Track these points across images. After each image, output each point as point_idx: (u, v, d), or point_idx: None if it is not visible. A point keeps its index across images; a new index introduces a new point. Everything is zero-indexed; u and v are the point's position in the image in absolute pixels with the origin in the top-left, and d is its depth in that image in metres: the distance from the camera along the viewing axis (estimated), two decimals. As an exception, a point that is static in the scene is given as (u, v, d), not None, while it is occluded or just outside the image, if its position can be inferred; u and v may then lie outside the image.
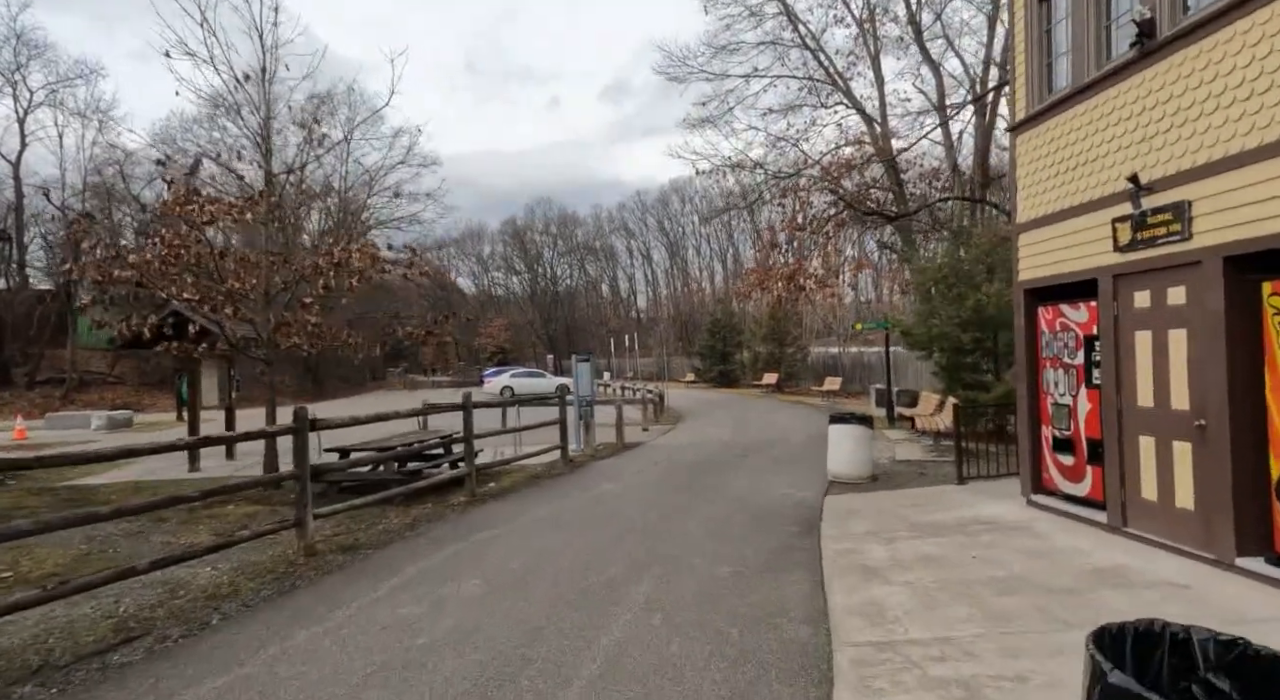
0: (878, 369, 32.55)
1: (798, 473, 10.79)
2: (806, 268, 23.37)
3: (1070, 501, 6.75)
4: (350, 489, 9.72)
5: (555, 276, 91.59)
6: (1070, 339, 6.69)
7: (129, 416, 24.09)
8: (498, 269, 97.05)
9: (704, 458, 12.66)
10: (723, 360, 41.98)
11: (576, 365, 14.08)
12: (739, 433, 16.70)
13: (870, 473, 9.93)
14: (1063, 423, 6.79)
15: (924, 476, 10.13)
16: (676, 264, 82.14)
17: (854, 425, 9.89)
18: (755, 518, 7.80)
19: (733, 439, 15.49)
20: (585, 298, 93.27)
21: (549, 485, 10.48)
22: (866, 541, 6.55)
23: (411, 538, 7.32)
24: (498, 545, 6.86)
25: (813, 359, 36.80)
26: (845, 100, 24.25)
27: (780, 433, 16.39)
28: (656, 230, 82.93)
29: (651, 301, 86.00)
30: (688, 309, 74.06)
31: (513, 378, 39.08)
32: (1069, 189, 6.54)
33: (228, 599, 5.43)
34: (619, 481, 10.52)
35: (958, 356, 14.19)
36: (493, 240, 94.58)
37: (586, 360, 14.57)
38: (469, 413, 9.60)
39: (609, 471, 11.59)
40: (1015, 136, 7.43)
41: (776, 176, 24.64)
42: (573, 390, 14.03)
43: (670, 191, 79.54)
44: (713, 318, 46.28)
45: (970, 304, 13.50)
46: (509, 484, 10.59)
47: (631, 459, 12.95)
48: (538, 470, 11.69)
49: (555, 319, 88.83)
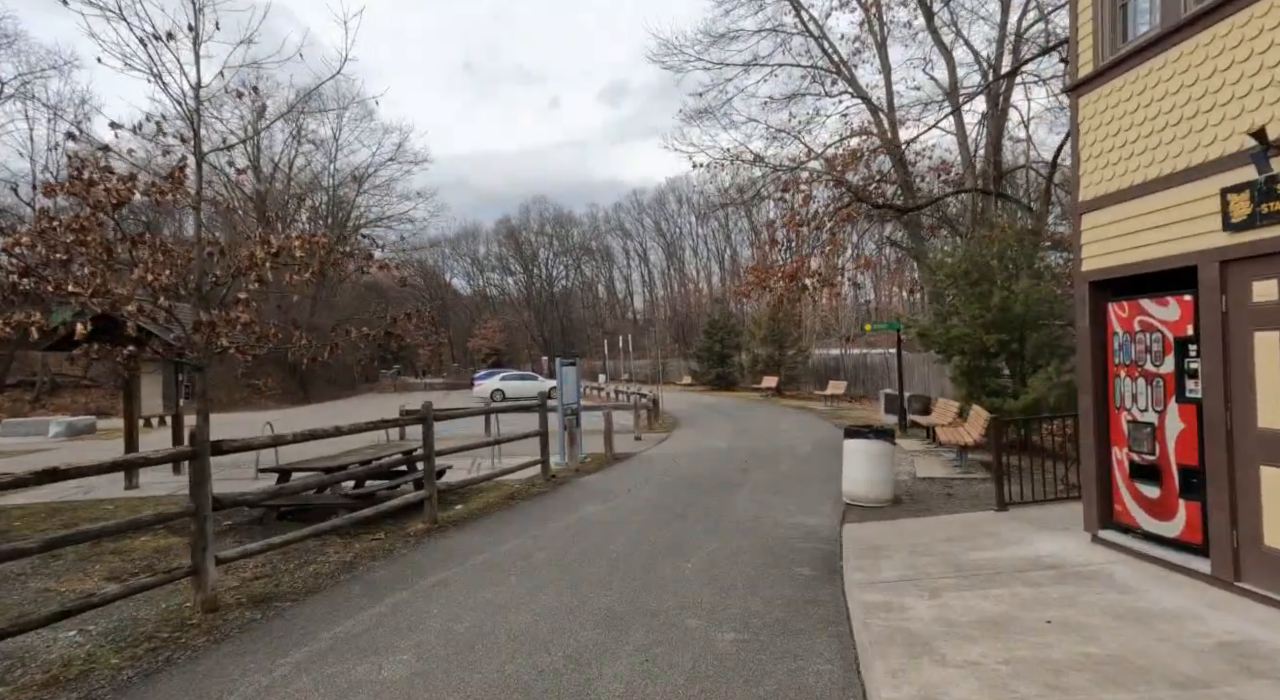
0: (881, 371, 31.32)
1: (808, 493, 9.50)
2: (809, 265, 22.08)
3: (1155, 543, 5.47)
4: (292, 515, 8.42)
5: (551, 277, 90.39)
6: (1154, 341, 5.41)
7: (91, 422, 22.72)
8: (493, 270, 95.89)
9: (702, 473, 11.37)
10: (721, 362, 40.71)
11: (561, 370, 12.79)
12: (740, 442, 15.41)
13: (892, 495, 8.65)
14: (1144, 445, 5.51)
15: (953, 498, 8.84)
16: (674, 265, 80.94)
17: (873, 441, 8.61)
18: (762, 554, 6.51)
19: (733, 450, 14.20)
20: (581, 299, 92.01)
21: (524, 508, 9.17)
22: (904, 592, 5.26)
23: (346, 582, 6.01)
24: (447, 595, 5.56)
25: (814, 362, 35.56)
26: (850, 89, 23.01)
27: (785, 443, 15.10)
28: (653, 231, 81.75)
29: (648, 303, 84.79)
30: (684, 310, 72.84)
31: (503, 381, 37.76)
32: (1155, 155, 5.26)
33: (73, 686, 4.11)
34: (605, 503, 9.22)
35: (979, 360, 12.92)
36: (487, 240, 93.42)
37: (573, 364, 13.29)
38: (429, 426, 8.29)
39: (595, 490, 10.29)
40: (1076, 98, 6.15)
41: (777, 170, 23.41)
42: (556, 397, 12.72)
43: (667, 191, 78.42)
44: (710, 319, 45.00)
45: (995, 302, 12.23)
46: (479, 506, 9.29)
47: (621, 474, 11.66)
48: (515, 488, 10.39)
49: (550, 320, 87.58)
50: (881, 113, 22.85)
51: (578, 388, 13.35)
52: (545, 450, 11.10)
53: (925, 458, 12.03)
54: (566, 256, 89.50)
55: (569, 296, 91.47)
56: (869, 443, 8.60)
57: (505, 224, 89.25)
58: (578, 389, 13.35)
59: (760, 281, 22.79)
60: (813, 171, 22.86)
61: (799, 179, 22.90)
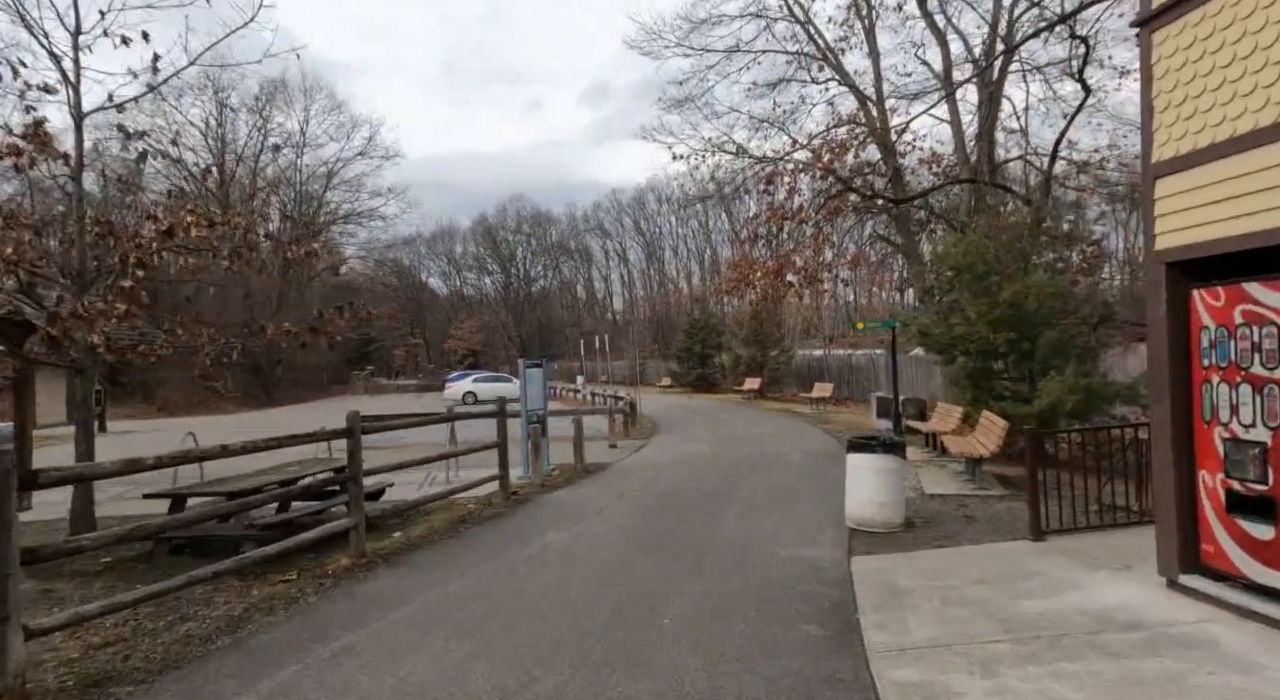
0: (867, 373, 30.29)
1: (804, 513, 8.24)
2: (794, 261, 20.92)
3: (1267, 597, 4.26)
4: (190, 548, 6.99)
5: (529, 277, 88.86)
6: (1266, 337, 4.21)
7: (20, 429, 20.86)
8: (470, 269, 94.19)
9: (682, 489, 10.07)
10: (701, 363, 39.52)
11: (525, 372, 11.44)
12: (724, 450, 14.15)
13: (904, 518, 7.43)
14: (1249, 470, 4.31)
15: (973, 521, 7.64)
16: (653, 265, 79.83)
17: (882, 455, 7.38)
18: (757, 602, 5.22)
19: (717, 459, 12.94)
20: (560, 300, 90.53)
21: (474, 535, 7.82)
22: (946, 664, 4.01)
23: (220, 651, 4.63)
24: (346, 672, 4.21)
25: (797, 363, 34.49)
26: (836, 76, 21.88)
27: (773, 450, 13.87)
28: (633, 230, 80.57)
29: (628, 303, 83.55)
30: (664, 310, 71.70)
31: (476, 383, 36.26)
32: (1273, 93, 4.06)
33: None
34: (570, 528, 7.90)
35: (986, 361, 11.78)
36: (464, 239, 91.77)
37: (539, 366, 11.95)
38: (355, 440, 6.92)
39: (560, 510, 8.97)
40: (1149, 34, 4.95)
41: (761, 161, 22.24)
42: (520, 402, 11.37)
43: (646, 191, 77.19)
44: (690, 318, 43.85)
45: (1005, 297, 11.09)
46: (422, 533, 7.92)
47: (592, 490, 10.34)
48: (468, 509, 9.03)
49: (527, 321, 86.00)
50: (870, 102, 21.75)
51: (544, 391, 12.02)
52: (505, 463, 9.75)
53: (930, 470, 10.84)
54: (544, 256, 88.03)
55: (547, 297, 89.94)
56: (877, 458, 7.37)
57: (482, 223, 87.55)
58: (544, 393, 12.02)
59: (743, 277, 21.58)
60: (798, 163, 21.73)
61: (783, 171, 21.76)
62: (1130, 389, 10.66)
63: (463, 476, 11.45)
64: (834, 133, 21.45)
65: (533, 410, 11.40)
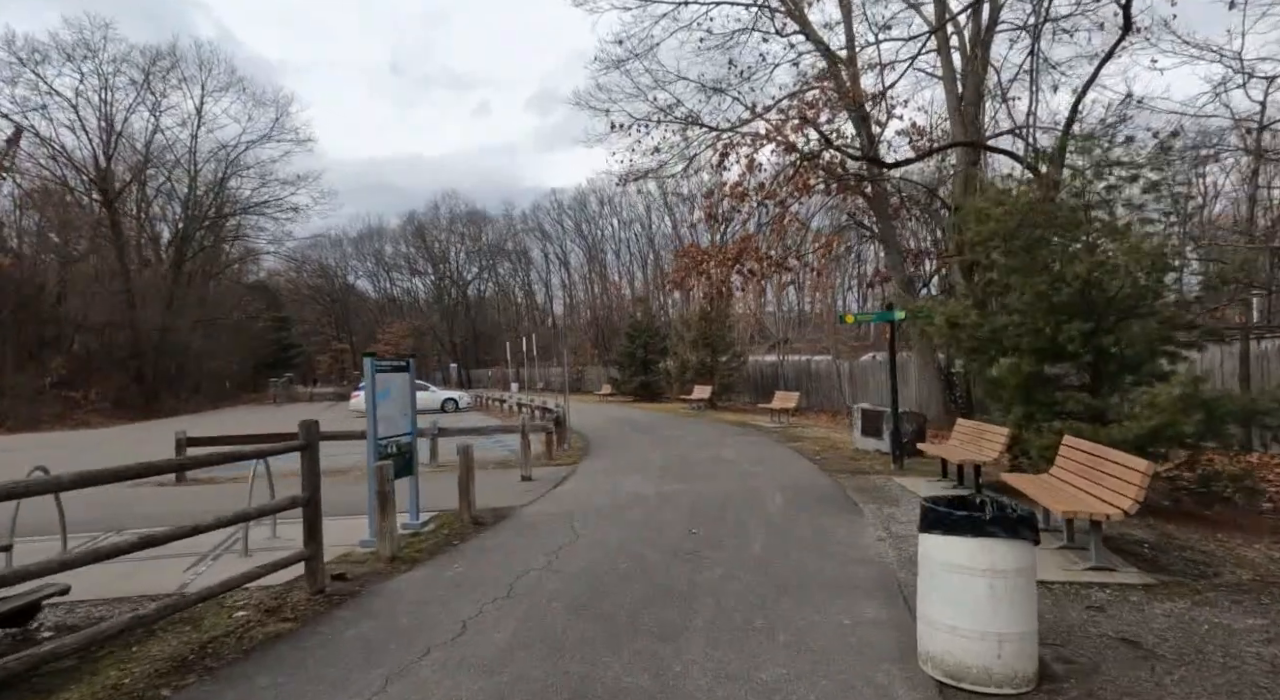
0: (828, 380, 27.12)
1: (828, 640, 4.52)
2: (756, 246, 17.51)
3: None
4: None
5: (463, 279, 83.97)
6: None
7: None
8: (399, 270, 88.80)
9: (612, 571, 6.25)
10: (644, 370, 35.89)
11: (372, 380, 7.44)
12: (674, 486, 10.44)
13: (1036, 667, 3.83)
14: None
15: (1154, 660, 4.09)
16: (595, 268, 76.03)
17: (999, 541, 3.75)
18: None
19: (665, 503, 9.20)
20: (496, 304, 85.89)
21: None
22: None
23: None
24: None
25: (749, 369, 31.22)
26: (802, 32, 18.58)
27: (741, 486, 10.22)
28: (574, 233, 76.76)
29: (568, 307, 79.49)
30: (605, 313, 67.97)
31: (386, 391, 31.61)
32: None
33: None
34: (391, 687, 4.03)
35: (1040, 363, 8.41)
36: (394, 239, 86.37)
37: (402, 369, 7.98)
38: None
39: (392, 627, 5.04)
40: None
41: (715, 131, 18.77)
42: (369, 425, 7.35)
43: (588, 192, 73.70)
44: (632, 319, 40.21)
45: (1078, 272, 7.75)
46: (109, 685, 3.93)
47: (466, 570, 6.42)
48: (232, 621, 5.07)
49: (461, 325, 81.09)
50: (841, 64, 18.51)
51: (412, 410, 8.05)
52: (316, 535, 5.78)
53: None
54: (480, 257, 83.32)
55: (483, 300, 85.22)
56: (991, 548, 3.74)
57: (412, 221, 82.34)
58: (412, 412, 8.05)
59: (695, 265, 18.02)
60: (757, 135, 18.36)
61: (740, 142, 18.34)
62: (1252, 405, 7.44)
63: (282, 537, 7.49)
64: (800, 99, 18.10)
65: (387, 439, 7.45)
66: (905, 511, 8.16)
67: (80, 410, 32.07)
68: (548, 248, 79.31)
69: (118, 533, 7.96)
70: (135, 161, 45.18)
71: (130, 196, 46.49)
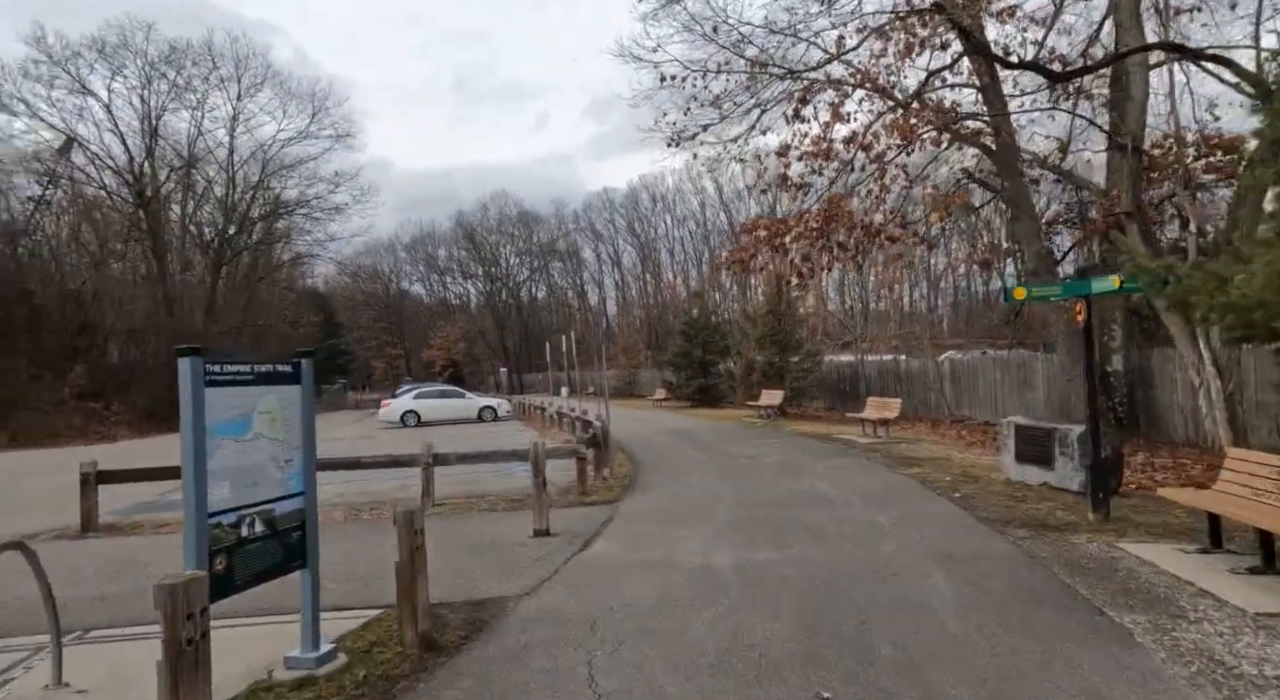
0: (923, 382, 22.88)
1: None
2: (845, 211, 13.58)
3: None
4: None
5: (514, 281, 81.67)
6: None
7: None
8: (449, 272, 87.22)
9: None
10: (702, 372, 32.15)
11: (196, 396, 3.97)
12: (765, 552, 6.73)
13: None
14: None
15: None
16: (648, 268, 72.58)
17: None
18: None
19: (753, 589, 5.51)
20: (547, 305, 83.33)
21: None
22: None
23: None
24: None
25: (824, 370, 27.16)
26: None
27: (870, 556, 6.42)
28: (626, 232, 73.57)
29: (621, 307, 76.18)
30: (659, 312, 64.38)
31: (418, 399, 28.76)
32: None
33: None
34: None
35: None
36: (446, 242, 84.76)
37: (284, 380, 4.49)
38: None
39: None
40: None
41: (790, 74, 14.98)
42: (187, 488, 3.89)
43: (640, 189, 70.40)
44: (688, 317, 36.48)
45: None
46: None
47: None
48: None
49: (511, 328, 78.74)
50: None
51: (305, 448, 4.51)
52: None
53: None
54: (531, 258, 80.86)
55: (535, 303, 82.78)
56: None
57: (462, 222, 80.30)
58: (304, 452, 4.51)
59: (770, 238, 14.20)
60: (842, 81, 14.54)
61: (823, 85, 14.54)
62: None
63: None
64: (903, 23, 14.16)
65: (231, 512, 3.93)
66: (1227, 641, 4.29)
67: (103, 423, 30.15)
68: (600, 248, 76.34)
69: None
70: (175, 163, 43.86)
71: (174, 199, 45.27)
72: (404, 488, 10.86)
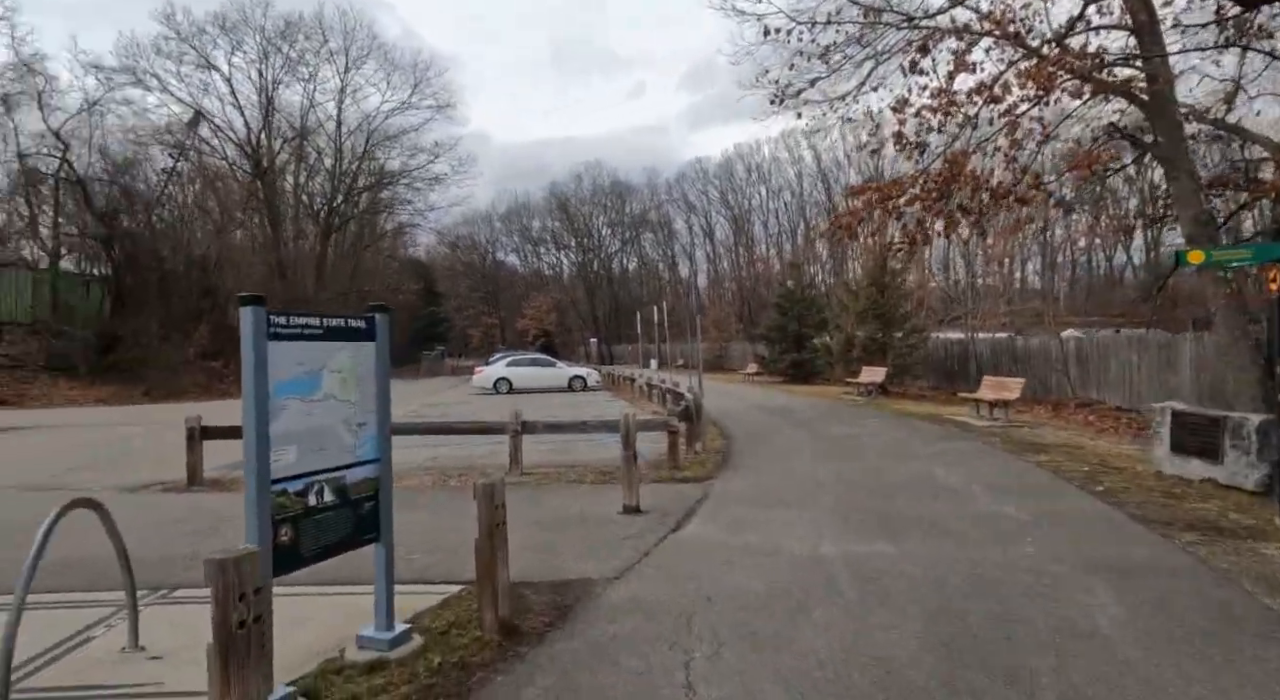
0: (1040, 362, 20.83)
1: None
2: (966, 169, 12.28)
3: None
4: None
5: (605, 251, 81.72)
6: None
7: None
8: (544, 243, 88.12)
9: None
10: (797, 346, 31.00)
11: (257, 347, 3.55)
12: (879, 544, 6.00)
13: None
14: None
15: None
16: (741, 240, 70.94)
17: None
18: None
19: (869, 586, 4.83)
20: (639, 277, 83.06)
21: None
22: None
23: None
24: None
25: (930, 348, 25.55)
26: None
27: (1007, 558, 5.57)
28: (719, 203, 72.00)
29: (713, 280, 74.97)
30: (751, 285, 62.87)
31: (510, 366, 29.03)
32: None
33: None
34: None
35: None
36: (540, 213, 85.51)
37: (357, 336, 4.06)
38: None
39: None
40: None
41: (910, 22, 13.62)
42: (247, 449, 3.55)
43: (735, 159, 68.48)
44: (783, 289, 35.21)
45: None
46: None
47: None
48: None
49: (602, 299, 78.97)
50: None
51: (380, 412, 4.10)
52: None
53: None
54: (622, 229, 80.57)
55: (626, 275, 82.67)
56: None
57: (556, 193, 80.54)
58: (379, 417, 4.09)
59: (882, 201, 13.07)
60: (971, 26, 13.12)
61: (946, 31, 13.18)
62: None
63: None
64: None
65: (298, 479, 3.56)
66: None
67: (223, 380, 32.09)
68: (692, 219, 75.12)
69: None
70: (288, 135, 45.82)
71: (287, 170, 47.41)
72: (494, 454, 10.65)
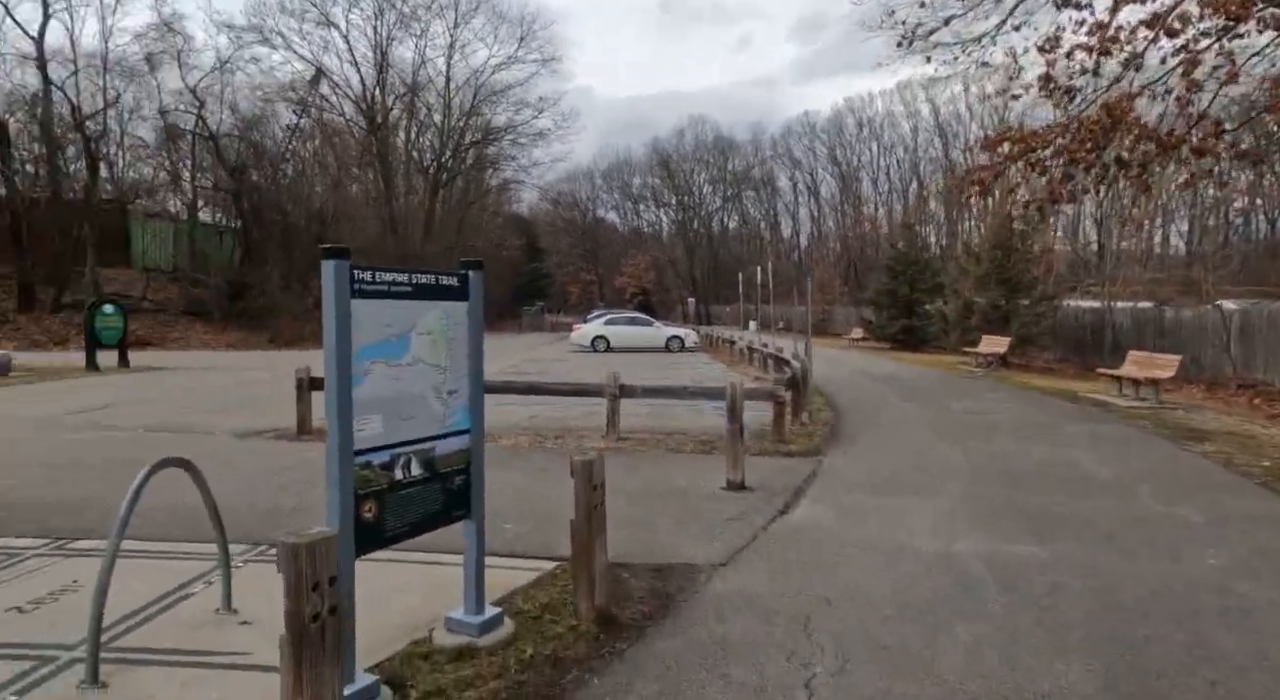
0: (1194, 337, 18.61)
1: None
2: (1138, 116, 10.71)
3: None
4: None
5: (706, 210, 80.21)
6: None
7: (6, 359, 16.61)
8: (644, 201, 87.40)
9: None
10: (907, 312, 29.33)
11: (341, 298, 3.24)
12: (1025, 544, 5.25)
13: None
14: None
15: None
16: (848, 199, 67.71)
17: None
18: None
19: (1018, 599, 4.15)
20: (740, 236, 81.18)
21: None
22: None
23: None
24: None
25: (1060, 317, 23.42)
26: None
27: (1190, 576, 4.72)
28: (826, 160, 68.78)
29: (815, 240, 72.26)
30: (858, 246, 60.11)
31: (608, 325, 28.90)
32: None
33: None
34: None
35: None
36: (641, 171, 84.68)
37: (447, 295, 3.71)
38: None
39: None
40: None
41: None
42: (330, 417, 3.26)
43: (845, 112, 64.99)
44: (895, 251, 33.26)
45: None
46: None
47: None
48: None
49: (701, 258, 77.79)
50: None
51: (472, 376, 3.75)
52: None
53: None
54: (724, 186, 78.67)
55: (726, 234, 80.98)
56: None
57: (657, 149, 79.27)
58: (472, 383, 3.74)
59: (1025, 152, 11.66)
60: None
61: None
62: None
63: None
64: None
65: (386, 450, 3.25)
66: None
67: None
68: (797, 176, 72.33)
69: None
70: (400, 91, 46.87)
71: (399, 126, 48.70)
72: (591, 415, 10.37)
